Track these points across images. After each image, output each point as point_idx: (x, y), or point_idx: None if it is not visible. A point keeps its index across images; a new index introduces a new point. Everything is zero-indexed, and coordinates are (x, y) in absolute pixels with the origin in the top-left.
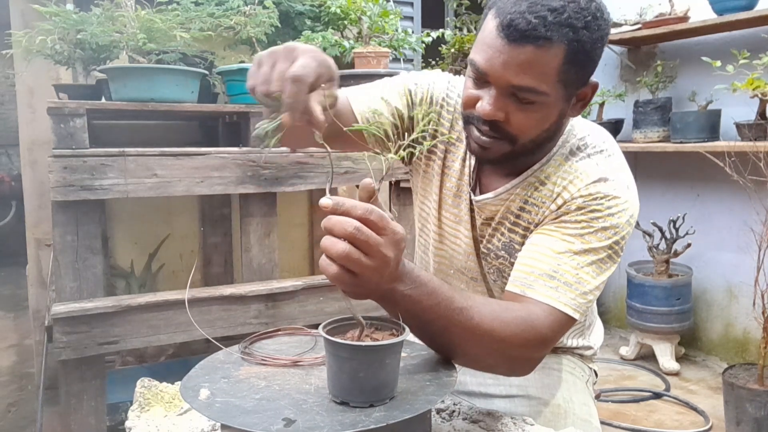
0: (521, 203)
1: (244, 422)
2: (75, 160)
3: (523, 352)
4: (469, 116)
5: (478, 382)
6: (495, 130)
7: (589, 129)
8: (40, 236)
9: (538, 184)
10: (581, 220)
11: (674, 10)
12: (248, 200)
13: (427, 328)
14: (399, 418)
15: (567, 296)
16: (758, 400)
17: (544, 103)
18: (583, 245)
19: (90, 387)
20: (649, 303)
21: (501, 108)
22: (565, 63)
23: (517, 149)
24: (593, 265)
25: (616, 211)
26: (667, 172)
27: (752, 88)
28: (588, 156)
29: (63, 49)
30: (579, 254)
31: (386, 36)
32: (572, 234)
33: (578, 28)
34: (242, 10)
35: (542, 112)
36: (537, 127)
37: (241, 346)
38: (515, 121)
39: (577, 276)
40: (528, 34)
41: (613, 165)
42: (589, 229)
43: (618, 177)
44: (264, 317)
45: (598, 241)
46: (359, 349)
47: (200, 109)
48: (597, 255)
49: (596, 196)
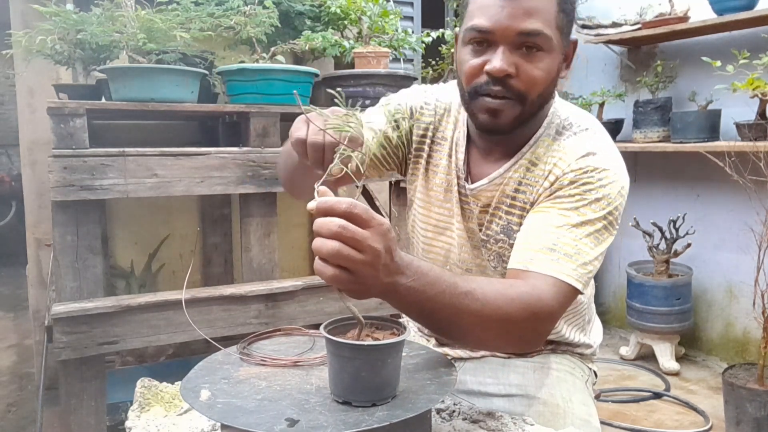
0: (516, 185)
1: (246, 423)
2: (75, 160)
3: (531, 325)
4: (476, 87)
5: (478, 382)
6: (506, 88)
7: (571, 110)
8: (40, 236)
9: (530, 165)
10: (575, 194)
11: (674, 10)
12: (248, 200)
13: (434, 317)
14: (402, 417)
15: (568, 267)
16: (758, 400)
17: (549, 50)
18: (579, 218)
19: (90, 387)
20: (649, 303)
21: (511, 62)
22: (560, 11)
23: (526, 109)
24: (591, 236)
25: (607, 182)
26: (667, 172)
27: (752, 88)
28: (574, 134)
29: (63, 49)
30: (576, 227)
31: (386, 36)
32: (567, 208)
33: None
34: (242, 10)
35: (547, 62)
36: (544, 80)
37: (239, 346)
38: (525, 74)
39: (577, 247)
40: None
41: (598, 141)
42: (583, 201)
43: (605, 151)
44: (264, 317)
45: (593, 213)
46: (361, 349)
47: (200, 109)
48: (593, 226)
49: (586, 169)
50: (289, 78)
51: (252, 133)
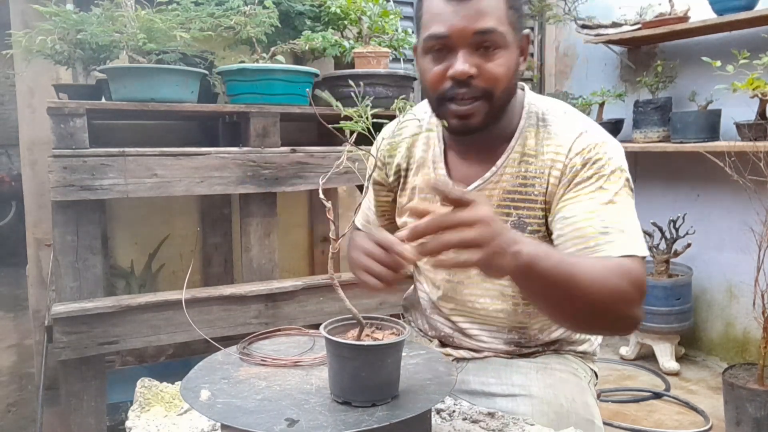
0: (520, 180)
1: (247, 423)
2: (75, 160)
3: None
4: (442, 93)
5: (481, 382)
6: (471, 89)
7: (543, 99)
8: (40, 236)
9: (528, 157)
10: (591, 175)
11: (674, 10)
12: (248, 200)
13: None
14: (402, 417)
15: (629, 240)
16: (758, 400)
17: (505, 46)
18: (607, 194)
19: (90, 387)
20: (649, 303)
21: (472, 63)
22: (509, 7)
23: (495, 105)
24: (624, 205)
25: (612, 153)
26: (667, 172)
27: (752, 88)
28: (556, 118)
29: (63, 49)
30: (610, 203)
31: (386, 36)
32: (592, 190)
33: None
34: (242, 10)
35: (505, 58)
36: (506, 75)
37: (239, 346)
38: (487, 72)
39: (622, 221)
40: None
41: (581, 119)
42: (603, 178)
43: (592, 126)
44: (264, 317)
45: (615, 185)
46: (361, 349)
47: (200, 109)
48: (620, 196)
49: (588, 147)
50: (289, 78)
51: (252, 133)
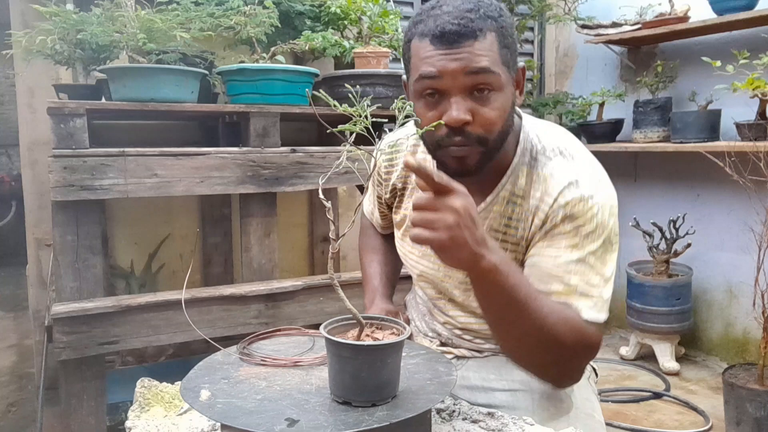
0: (505, 220)
1: (247, 423)
2: (75, 160)
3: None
4: (438, 140)
5: (481, 378)
6: (466, 136)
7: (542, 130)
8: (40, 236)
9: (516, 198)
10: (569, 230)
11: (674, 10)
12: (248, 200)
13: (506, 309)
14: (402, 417)
15: (587, 305)
16: (758, 400)
17: (499, 88)
18: (579, 253)
19: (90, 387)
20: (649, 303)
21: (466, 109)
22: (501, 47)
23: (490, 149)
24: (596, 265)
25: (597, 210)
26: (667, 172)
27: (752, 88)
28: (550, 159)
29: (63, 49)
30: (580, 263)
31: (386, 36)
32: (566, 246)
33: (496, 17)
34: (242, 10)
35: (499, 101)
36: (501, 118)
37: (239, 346)
38: (481, 117)
39: (588, 282)
40: (463, 33)
41: (576, 164)
42: (580, 236)
43: (585, 175)
44: (264, 317)
45: (592, 244)
46: (361, 349)
47: (200, 109)
48: (595, 257)
49: (573, 202)
50: (289, 78)
51: (252, 133)
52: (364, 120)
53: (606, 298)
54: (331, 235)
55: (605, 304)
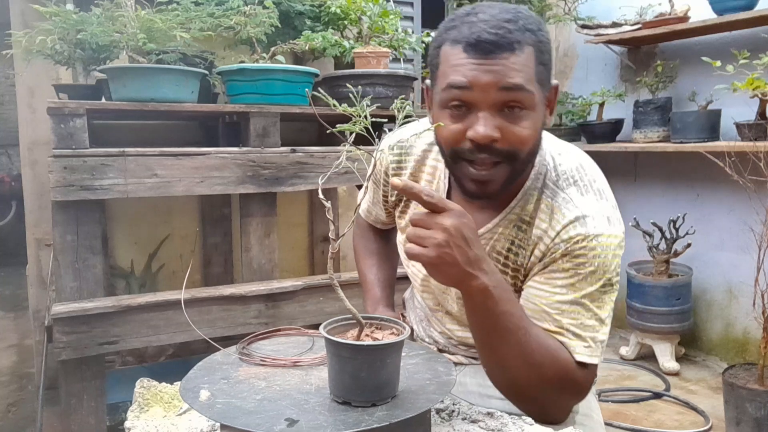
0: (508, 244)
1: (246, 423)
2: (75, 160)
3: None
4: (459, 152)
5: (478, 383)
6: (492, 154)
7: (560, 153)
8: (40, 236)
9: (521, 223)
10: (568, 268)
11: (674, 10)
12: (248, 200)
13: (492, 335)
14: (401, 417)
15: (580, 346)
16: (758, 400)
17: (531, 106)
18: (576, 293)
19: (90, 387)
20: (649, 303)
21: (494, 126)
22: (538, 63)
23: (517, 168)
24: (592, 307)
25: (600, 250)
26: (667, 172)
27: (752, 88)
28: (562, 190)
29: (63, 49)
30: (576, 303)
31: (386, 36)
32: (564, 285)
33: (535, 30)
34: (242, 10)
35: (531, 119)
36: (531, 137)
37: (239, 346)
38: (511, 135)
39: (582, 324)
40: (500, 43)
41: (587, 198)
42: (578, 276)
43: (595, 211)
44: (264, 317)
45: (590, 285)
46: (361, 349)
47: (200, 109)
48: (592, 297)
49: (577, 239)
50: (289, 78)
51: (252, 133)
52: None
53: (601, 340)
54: (331, 235)
55: (599, 346)
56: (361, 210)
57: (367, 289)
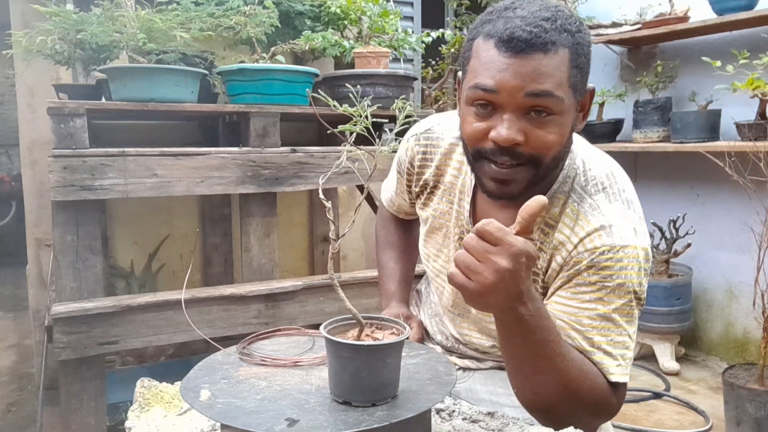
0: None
1: (246, 423)
2: (75, 160)
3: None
4: (481, 151)
5: (489, 391)
6: (514, 157)
7: (591, 158)
8: (40, 236)
9: (545, 227)
10: (595, 281)
11: (674, 10)
12: (248, 200)
13: (527, 362)
14: (402, 417)
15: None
16: (758, 400)
17: (560, 111)
18: (605, 307)
19: (90, 387)
20: (649, 303)
21: (518, 129)
22: (572, 67)
23: (540, 173)
24: (621, 324)
25: (627, 262)
26: (667, 172)
27: (752, 88)
28: (590, 195)
29: (63, 49)
30: (605, 320)
31: (386, 36)
32: (591, 300)
33: (573, 32)
34: (242, 10)
35: (558, 125)
36: (558, 143)
37: (239, 346)
38: (535, 140)
39: (612, 341)
40: (533, 42)
41: (616, 206)
42: (605, 289)
43: (622, 221)
44: (264, 317)
45: (618, 299)
46: (361, 349)
47: (200, 109)
48: (621, 313)
49: (602, 250)
50: (289, 78)
51: (252, 133)
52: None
53: (630, 357)
54: (331, 235)
55: (629, 363)
56: (385, 200)
57: (383, 283)
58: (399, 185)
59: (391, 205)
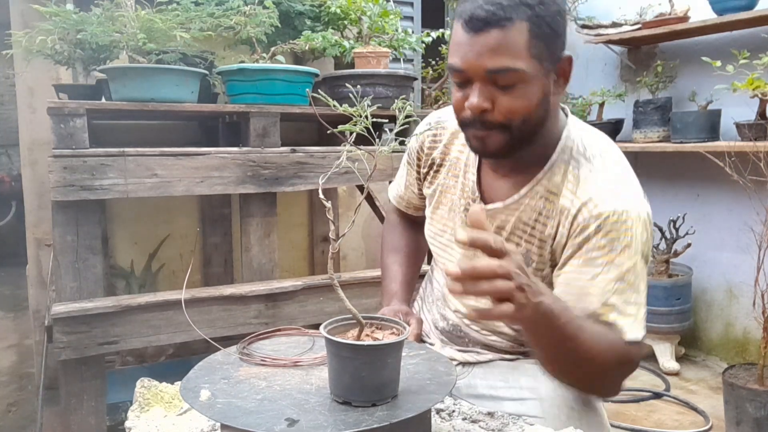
0: (535, 215)
1: (247, 423)
2: (75, 160)
3: (620, 375)
4: (463, 120)
5: (489, 385)
6: (484, 125)
7: (586, 131)
8: (40, 236)
9: (548, 194)
10: (603, 245)
11: (674, 10)
12: (248, 200)
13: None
14: (401, 417)
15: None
16: (758, 400)
17: (524, 81)
18: (616, 269)
19: (90, 387)
20: (649, 303)
21: (486, 97)
22: (532, 38)
23: (514, 135)
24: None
25: (631, 224)
26: (667, 172)
27: (752, 88)
28: (588, 161)
29: (63, 49)
30: (617, 280)
31: (386, 36)
32: (602, 263)
33: (533, 5)
34: (242, 10)
35: (525, 92)
36: (524, 108)
37: (239, 346)
38: (502, 107)
39: (626, 301)
40: (489, 20)
41: (613, 172)
42: (614, 251)
43: (621, 185)
44: (264, 317)
45: (627, 259)
46: (361, 349)
47: (200, 109)
48: (632, 274)
49: (607, 215)
50: (289, 78)
51: (252, 133)
52: (364, 120)
53: (643, 315)
54: (331, 235)
55: (643, 320)
56: (393, 197)
57: (386, 284)
58: (408, 176)
59: (400, 201)
